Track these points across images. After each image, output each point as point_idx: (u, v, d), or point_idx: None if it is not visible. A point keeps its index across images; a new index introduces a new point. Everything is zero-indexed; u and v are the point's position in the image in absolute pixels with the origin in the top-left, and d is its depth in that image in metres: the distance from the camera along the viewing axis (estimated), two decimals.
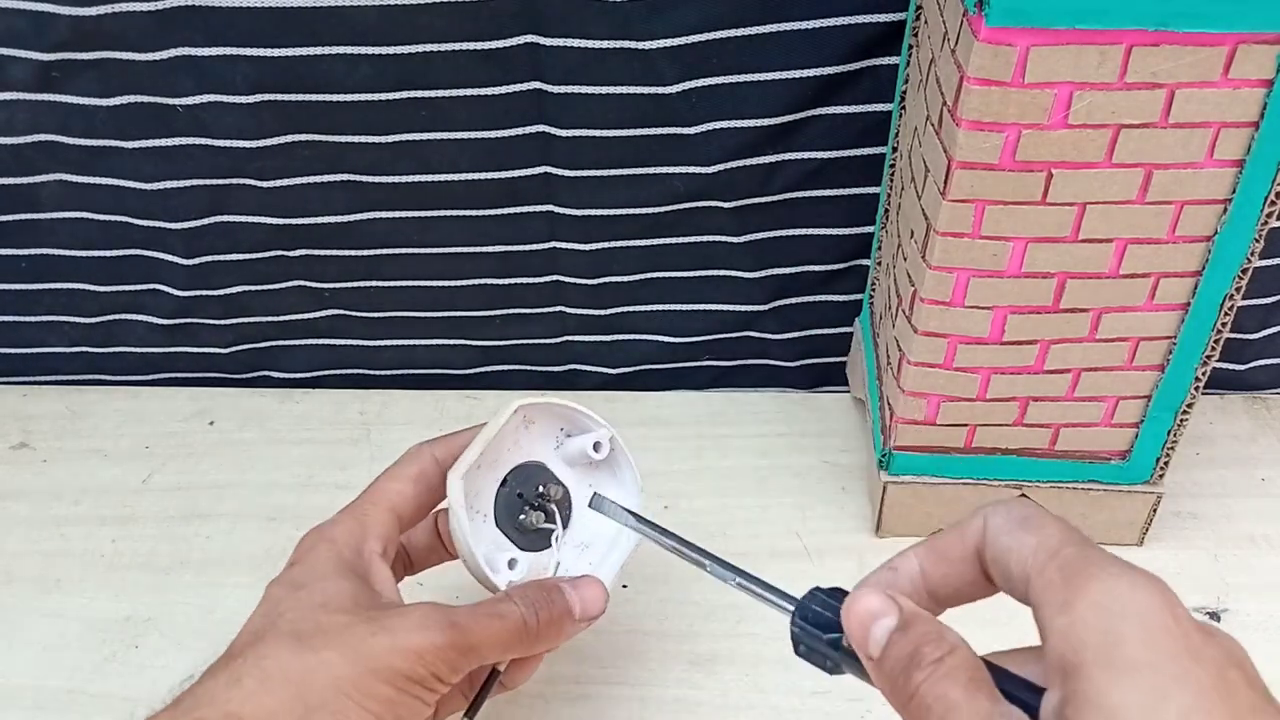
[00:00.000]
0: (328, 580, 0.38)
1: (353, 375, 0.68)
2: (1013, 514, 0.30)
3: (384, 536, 0.41)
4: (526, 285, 0.63)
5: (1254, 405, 0.64)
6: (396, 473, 0.43)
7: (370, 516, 0.41)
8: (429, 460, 0.43)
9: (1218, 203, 0.42)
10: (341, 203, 0.59)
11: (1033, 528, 0.29)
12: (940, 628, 0.29)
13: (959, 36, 0.40)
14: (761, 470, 0.60)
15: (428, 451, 0.43)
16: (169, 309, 0.65)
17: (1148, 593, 0.26)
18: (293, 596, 0.38)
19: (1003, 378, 0.48)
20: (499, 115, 0.55)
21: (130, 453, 0.63)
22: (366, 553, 0.40)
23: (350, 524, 0.41)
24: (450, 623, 0.37)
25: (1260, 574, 0.54)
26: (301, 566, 0.39)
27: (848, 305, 0.63)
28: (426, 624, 0.37)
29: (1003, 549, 0.29)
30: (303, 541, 0.41)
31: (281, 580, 0.39)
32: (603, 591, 0.42)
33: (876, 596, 0.30)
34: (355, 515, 0.41)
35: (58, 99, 0.55)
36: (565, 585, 0.41)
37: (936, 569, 0.31)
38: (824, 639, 0.32)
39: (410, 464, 0.43)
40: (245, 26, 0.52)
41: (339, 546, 0.40)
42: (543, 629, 0.40)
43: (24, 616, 0.54)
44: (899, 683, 0.28)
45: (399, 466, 0.43)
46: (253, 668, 0.35)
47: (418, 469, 0.43)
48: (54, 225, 0.61)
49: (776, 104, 0.54)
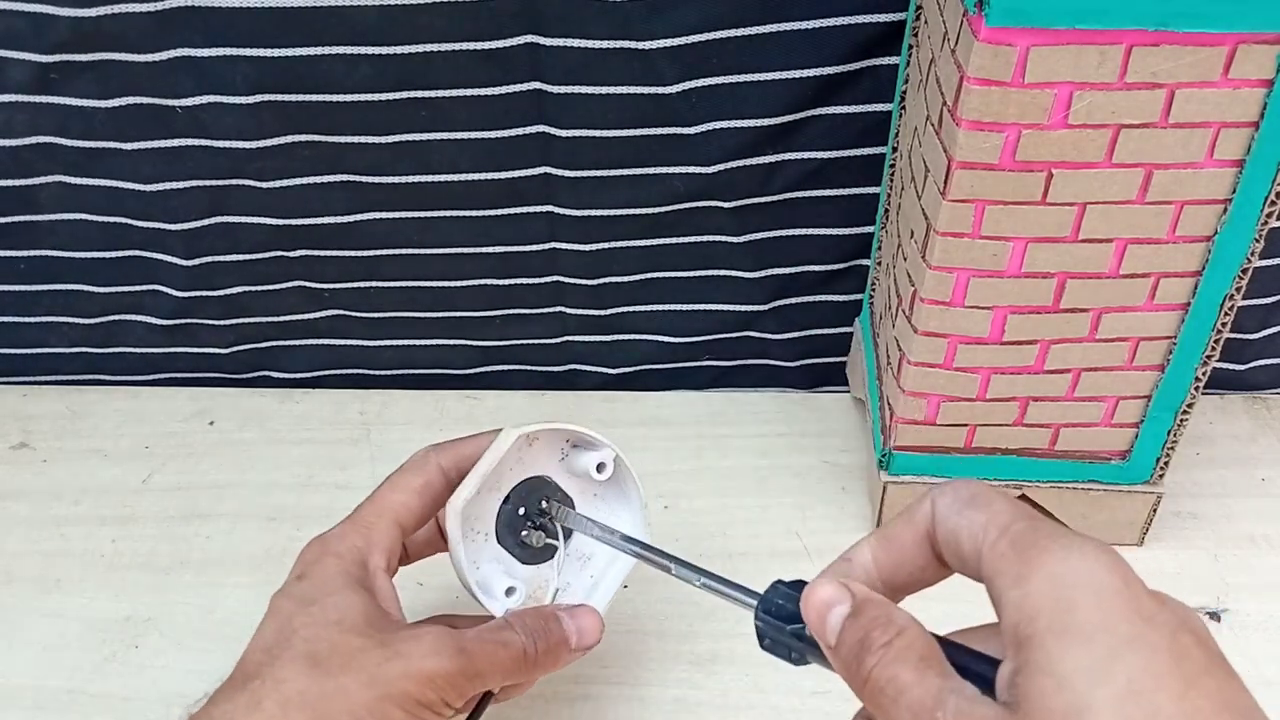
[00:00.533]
0: (338, 596, 0.38)
1: (353, 375, 0.68)
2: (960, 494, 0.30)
3: (388, 550, 0.41)
4: (526, 285, 0.63)
5: (1254, 405, 0.64)
6: (401, 482, 0.42)
7: (375, 530, 0.41)
8: (435, 471, 0.43)
9: (1218, 203, 0.42)
10: (341, 203, 0.59)
11: (981, 505, 0.29)
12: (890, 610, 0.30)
13: (959, 36, 0.40)
14: (761, 470, 0.60)
15: (434, 461, 0.43)
16: (169, 310, 0.65)
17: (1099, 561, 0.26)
18: (305, 613, 0.38)
19: (1003, 378, 0.48)
20: (499, 115, 0.55)
21: (130, 453, 0.63)
22: (371, 567, 0.40)
23: (354, 537, 0.41)
24: (459, 649, 0.38)
25: (1260, 574, 0.54)
26: (310, 581, 0.39)
27: (848, 305, 0.63)
28: (439, 650, 0.37)
29: (952, 528, 0.30)
30: (306, 552, 0.41)
31: (289, 593, 0.39)
32: (598, 622, 0.42)
33: (830, 585, 0.30)
34: (359, 527, 0.41)
35: (57, 100, 0.55)
36: (563, 614, 0.42)
37: (889, 556, 0.32)
38: (787, 630, 0.32)
39: (416, 474, 0.43)
40: (245, 27, 0.52)
41: (345, 561, 0.40)
42: (541, 657, 0.40)
43: (24, 616, 0.54)
44: (853, 667, 0.29)
45: (404, 475, 0.43)
46: (271, 691, 0.36)
47: (423, 480, 0.42)
48: (53, 226, 0.61)
49: (776, 104, 0.54)
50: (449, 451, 0.43)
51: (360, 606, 0.38)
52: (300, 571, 0.40)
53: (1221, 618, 0.52)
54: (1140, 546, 0.55)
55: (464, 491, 0.41)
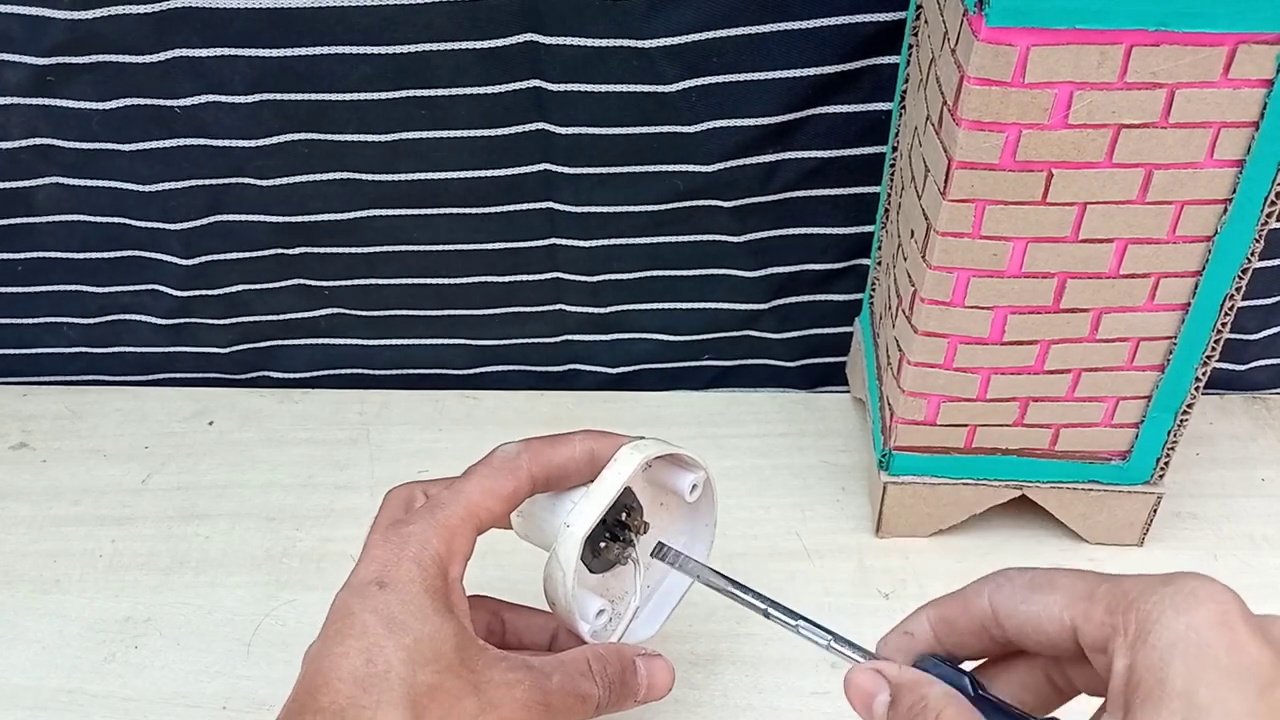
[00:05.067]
0: (429, 623, 0.36)
1: (352, 375, 0.68)
2: (1016, 582, 0.31)
3: (466, 558, 0.39)
4: (526, 283, 0.63)
5: (1254, 405, 0.64)
6: (491, 485, 0.40)
7: (458, 536, 0.39)
8: (525, 479, 0.40)
9: (1218, 203, 0.42)
10: (341, 201, 0.59)
11: (1045, 587, 0.30)
12: (927, 690, 0.32)
13: (959, 36, 0.40)
14: (761, 470, 0.60)
15: (526, 468, 0.40)
16: (168, 309, 0.65)
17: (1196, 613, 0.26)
18: (396, 642, 0.35)
19: (1003, 378, 0.48)
20: (498, 114, 0.55)
21: (130, 453, 0.63)
22: (451, 578, 0.38)
23: (436, 541, 0.38)
24: (546, 703, 0.38)
25: (1260, 574, 0.54)
26: (393, 593, 0.37)
27: (848, 305, 0.63)
28: (529, 703, 0.37)
29: (1024, 620, 0.31)
30: (379, 548, 0.38)
31: (370, 604, 0.36)
32: (669, 677, 0.42)
33: (866, 675, 0.34)
34: (442, 530, 0.38)
35: (54, 103, 0.55)
36: (640, 664, 0.41)
37: (949, 637, 0.34)
38: None
39: (506, 477, 0.40)
40: (243, 26, 0.52)
41: (428, 571, 0.37)
42: (609, 708, 0.40)
43: (24, 616, 0.54)
44: None
45: (493, 476, 0.40)
46: None
47: (513, 486, 0.40)
48: (52, 228, 0.61)
49: (776, 103, 0.54)
50: (540, 457, 0.41)
51: (452, 638, 0.36)
52: (378, 575, 0.37)
53: None
54: (1140, 547, 0.55)
55: (586, 521, 0.39)
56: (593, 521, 0.39)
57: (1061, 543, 0.55)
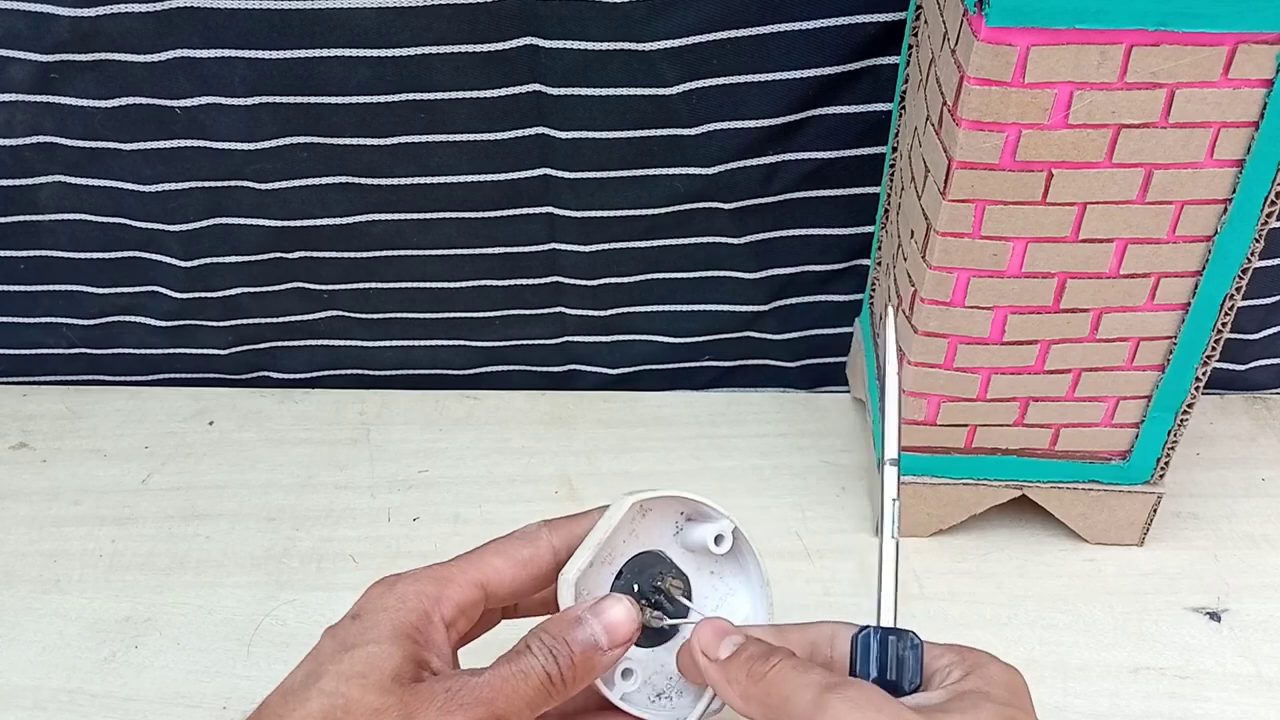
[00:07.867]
0: (376, 646, 0.36)
1: (352, 376, 0.68)
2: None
3: (459, 605, 0.38)
4: (526, 286, 0.63)
5: (1254, 405, 0.64)
6: (506, 549, 0.40)
7: (454, 583, 0.39)
8: (545, 548, 0.40)
9: (1218, 203, 0.42)
10: (340, 205, 0.59)
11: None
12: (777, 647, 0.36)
13: (959, 36, 0.40)
14: (761, 470, 0.60)
15: (546, 538, 0.41)
16: (168, 311, 0.65)
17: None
18: (336, 660, 0.36)
19: (1003, 378, 0.48)
20: (498, 117, 0.55)
21: (130, 453, 0.63)
22: (436, 618, 0.38)
23: (428, 585, 0.38)
24: (476, 700, 0.35)
25: (1260, 574, 0.54)
26: (360, 623, 0.37)
27: (848, 305, 0.63)
28: (450, 708, 0.35)
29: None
30: (373, 588, 0.39)
31: (337, 631, 0.37)
32: (628, 609, 0.38)
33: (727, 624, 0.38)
34: (437, 577, 0.39)
35: (56, 100, 0.55)
36: (584, 613, 0.38)
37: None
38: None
39: (523, 545, 0.40)
40: (244, 28, 0.52)
41: (406, 609, 0.37)
42: (571, 673, 0.37)
43: (24, 616, 0.54)
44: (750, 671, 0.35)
45: (511, 543, 0.41)
46: None
47: (529, 553, 0.40)
48: (53, 227, 0.61)
49: (776, 104, 0.54)
50: (561, 529, 0.41)
51: (395, 659, 0.36)
52: (357, 610, 0.38)
53: (1221, 618, 0.52)
54: (1140, 546, 0.55)
55: (578, 562, 0.39)
56: (583, 564, 0.39)
57: (1061, 543, 0.55)
